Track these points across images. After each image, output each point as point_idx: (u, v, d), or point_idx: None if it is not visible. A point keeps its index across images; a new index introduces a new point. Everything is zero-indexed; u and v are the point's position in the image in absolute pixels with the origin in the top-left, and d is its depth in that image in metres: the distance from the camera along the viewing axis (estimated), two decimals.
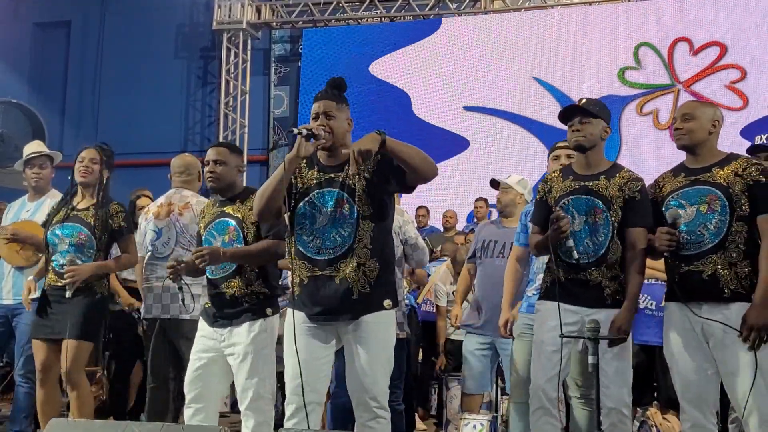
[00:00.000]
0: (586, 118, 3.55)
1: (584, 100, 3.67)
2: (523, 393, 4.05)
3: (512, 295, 4.34)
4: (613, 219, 3.46)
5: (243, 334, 3.67)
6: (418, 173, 3.18)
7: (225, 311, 3.71)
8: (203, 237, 3.84)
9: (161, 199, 4.77)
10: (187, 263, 3.67)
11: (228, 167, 3.85)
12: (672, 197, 3.42)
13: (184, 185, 4.76)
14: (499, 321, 4.34)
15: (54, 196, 5.05)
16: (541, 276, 4.05)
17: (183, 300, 3.78)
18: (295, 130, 3.18)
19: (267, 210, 3.27)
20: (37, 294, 4.48)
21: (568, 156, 4.13)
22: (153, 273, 4.61)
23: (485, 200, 8.57)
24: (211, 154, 3.84)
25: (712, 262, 3.29)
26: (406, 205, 5.64)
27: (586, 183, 3.53)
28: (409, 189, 3.30)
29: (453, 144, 10.65)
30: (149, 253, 4.67)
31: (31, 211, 5.03)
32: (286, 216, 3.44)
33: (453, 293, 6.23)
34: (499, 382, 5.30)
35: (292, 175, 3.32)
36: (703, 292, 3.29)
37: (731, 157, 3.42)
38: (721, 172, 3.36)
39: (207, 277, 3.80)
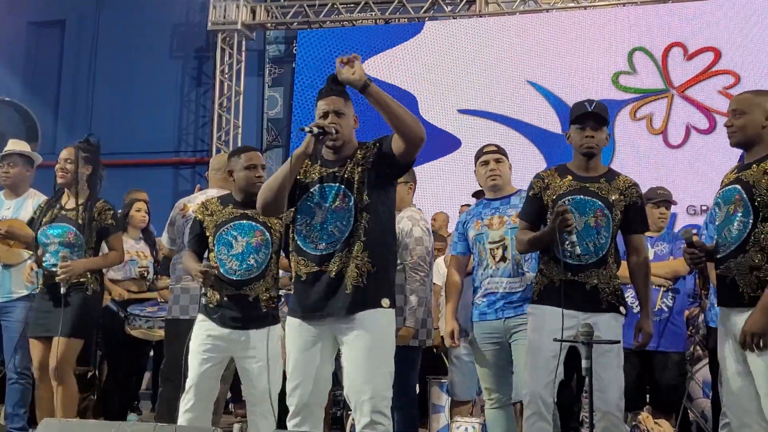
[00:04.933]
0: (599, 125, 3.54)
1: (596, 104, 3.57)
2: (495, 400, 4.10)
3: (456, 304, 4.24)
4: (613, 222, 3.47)
5: (264, 339, 3.69)
6: (404, 128, 3.05)
7: (244, 314, 3.71)
8: (217, 236, 3.78)
9: (200, 197, 4.59)
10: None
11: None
12: (718, 193, 3.26)
13: (223, 184, 4.55)
14: (445, 331, 4.24)
15: (34, 196, 5.04)
16: (487, 282, 4.04)
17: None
18: (306, 129, 3.14)
19: (272, 204, 3.23)
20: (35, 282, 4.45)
21: (497, 161, 4.15)
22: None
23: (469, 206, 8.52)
24: (260, 158, 3.89)
25: (734, 265, 3.08)
26: None
27: (587, 185, 3.52)
28: (404, 167, 3.21)
29: (445, 144, 10.61)
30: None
31: (12, 209, 4.99)
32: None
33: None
34: None
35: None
36: (727, 297, 3.14)
37: None
38: (754, 170, 3.10)
39: (225, 277, 3.74)
